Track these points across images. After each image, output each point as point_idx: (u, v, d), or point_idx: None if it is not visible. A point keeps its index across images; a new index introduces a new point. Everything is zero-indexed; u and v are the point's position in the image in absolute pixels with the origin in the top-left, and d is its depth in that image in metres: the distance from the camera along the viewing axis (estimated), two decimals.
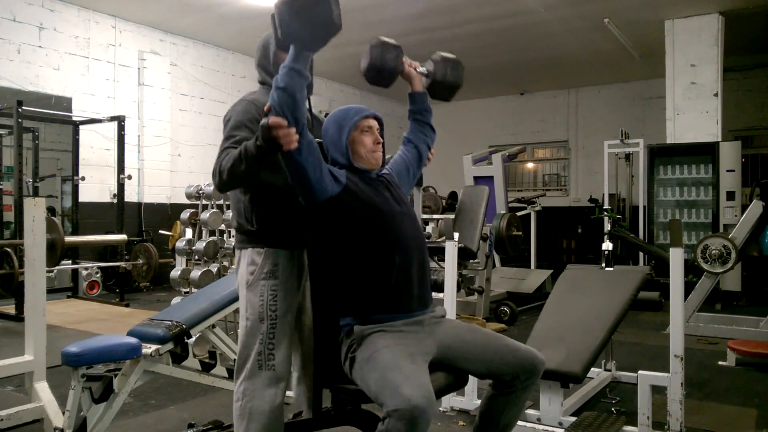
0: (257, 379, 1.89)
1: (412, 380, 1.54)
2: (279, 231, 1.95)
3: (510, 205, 8.00)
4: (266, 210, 1.95)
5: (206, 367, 3.04)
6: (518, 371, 1.78)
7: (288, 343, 1.96)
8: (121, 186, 6.64)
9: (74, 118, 6.80)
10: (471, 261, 5.36)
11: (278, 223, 1.95)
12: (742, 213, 5.14)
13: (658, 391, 2.59)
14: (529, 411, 2.73)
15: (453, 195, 7.50)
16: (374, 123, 1.95)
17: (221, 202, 4.62)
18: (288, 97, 1.65)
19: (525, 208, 7.91)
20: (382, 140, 1.96)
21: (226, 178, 1.78)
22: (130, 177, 6.95)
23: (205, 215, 4.42)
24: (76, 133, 6.81)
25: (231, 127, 1.90)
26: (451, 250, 3.05)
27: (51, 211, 7.15)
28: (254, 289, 1.93)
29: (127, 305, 6.22)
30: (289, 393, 2.21)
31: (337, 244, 1.84)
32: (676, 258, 2.57)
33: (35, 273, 2.78)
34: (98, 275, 6.90)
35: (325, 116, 2.06)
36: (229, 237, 4.61)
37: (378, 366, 1.62)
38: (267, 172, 1.85)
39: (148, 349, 2.45)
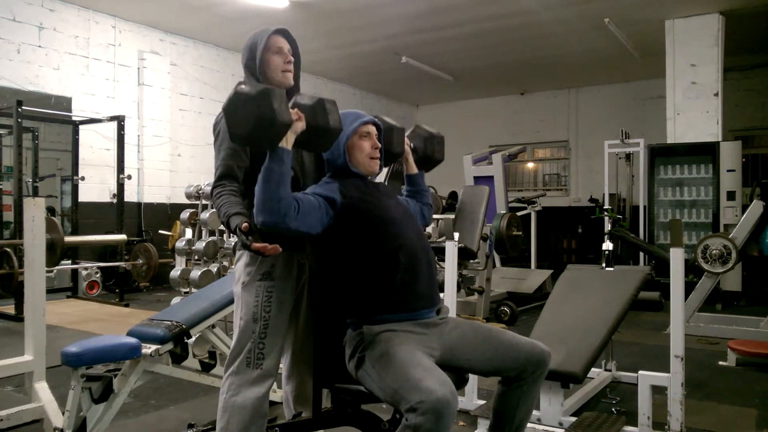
0: (243, 375, 1.91)
1: (433, 374, 1.55)
2: (278, 233, 1.96)
3: (510, 205, 7.99)
4: None
5: (206, 367, 3.03)
6: (525, 365, 1.79)
7: (280, 343, 1.98)
8: (120, 186, 6.64)
9: (74, 118, 6.80)
10: (471, 261, 5.36)
11: None
12: (743, 213, 5.14)
13: (658, 391, 2.58)
14: None
15: (453, 195, 7.50)
16: (373, 129, 1.96)
17: None
18: (267, 195, 1.66)
19: (525, 208, 7.89)
20: (380, 145, 1.97)
21: (220, 219, 1.92)
22: (129, 177, 6.95)
23: (204, 215, 4.42)
24: (75, 133, 6.81)
25: (219, 145, 2.03)
26: (451, 250, 3.05)
27: (51, 211, 7.15)
28: (249, 290, 1.94)
29: (126, 305, 6.22)
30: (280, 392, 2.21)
31: (341, 249, 1.84)
32: (677, 258, 2.56)
33: (35, 273, 2.78)
34: (98, 275, 6.89)
35: None
36: (229, 237, 4.61)
37: (395, 363, 1.62)
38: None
39: (148, 349, 2.44)
